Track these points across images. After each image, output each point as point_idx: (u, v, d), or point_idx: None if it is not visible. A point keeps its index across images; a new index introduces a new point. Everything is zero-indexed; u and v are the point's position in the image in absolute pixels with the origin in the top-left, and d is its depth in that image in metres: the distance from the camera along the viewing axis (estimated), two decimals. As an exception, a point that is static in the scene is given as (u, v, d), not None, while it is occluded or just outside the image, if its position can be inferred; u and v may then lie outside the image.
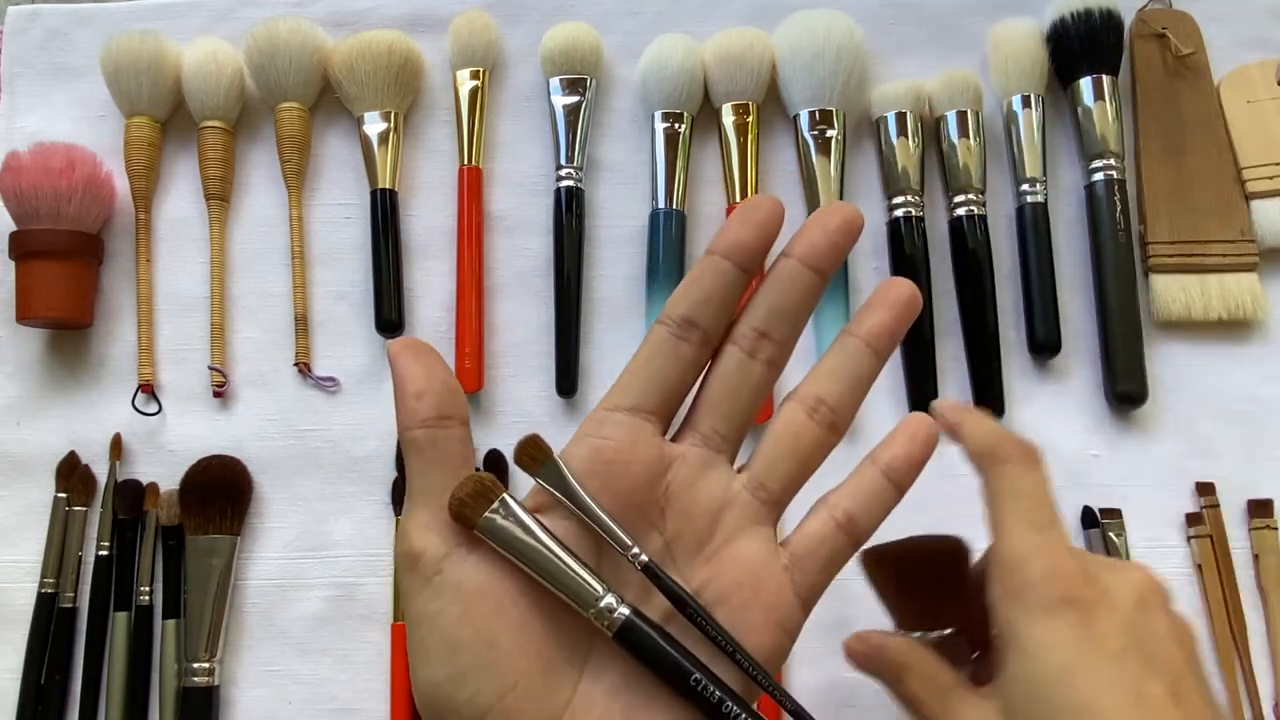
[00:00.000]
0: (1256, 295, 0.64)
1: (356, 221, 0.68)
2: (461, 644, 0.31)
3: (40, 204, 0.64)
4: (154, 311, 0.67)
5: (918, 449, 0.36)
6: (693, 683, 0.32)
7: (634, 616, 0.32)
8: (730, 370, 0.35)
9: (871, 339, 0.36)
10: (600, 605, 0.32)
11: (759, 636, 0.34)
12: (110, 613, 0.62)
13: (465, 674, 0.31)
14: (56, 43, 0.72)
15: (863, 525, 0.35)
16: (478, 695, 0.31)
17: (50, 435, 0.65)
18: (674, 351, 0.34)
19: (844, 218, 0.35)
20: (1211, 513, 0.62)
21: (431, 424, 0.33)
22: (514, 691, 0.31)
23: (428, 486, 0.33)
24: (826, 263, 0.35)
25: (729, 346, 0.35)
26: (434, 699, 0.32)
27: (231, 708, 0.61)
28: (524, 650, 0.32)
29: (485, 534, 0.32)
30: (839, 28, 0.66)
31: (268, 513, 0.64)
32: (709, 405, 0.35)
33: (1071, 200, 0.68)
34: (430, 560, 0.32)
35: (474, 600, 0.32)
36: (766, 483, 0.35)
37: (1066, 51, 0.67)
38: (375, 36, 0.68)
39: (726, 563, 0.34)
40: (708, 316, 0.34)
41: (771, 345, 0.35)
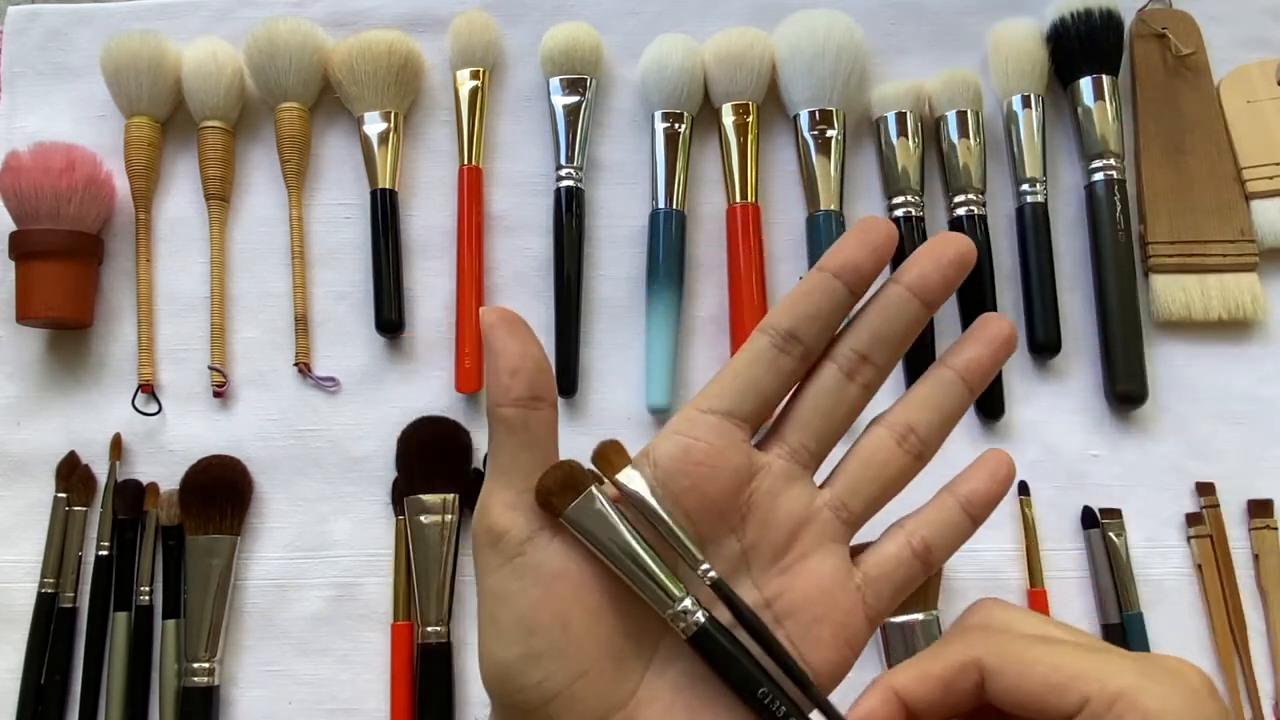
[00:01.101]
0: (1256, 295, 0.64)
1: (356, 221, 0.68)
2: (538, 626, 0.32)
3: (40, 204, 0.64)
4: (154, 311, 0.67)
5: (997, 487, 0.36)
6: (760, 695, 0.32)
7: (709, 624, 0.33)
8: (827, 388, 0.35)
9: (967, 374, 0.36)
10: (678, 607, 0.33)
11: (826, 652, 0.34)
12: (110, 613, 0.62)
13: (539, 656, 0.32)
14: (56, 43, 0.72)
15: (937, 555, 0.35)
16: (548, 679, 0.32)
17: (50, 435, 0.65)
18: (774, 362, 0.34)
19: (959, 251, 0.35)
20: (1211, 513, 0.62)
21: (524, 403, 0.33)
22: (584, 678, 0.32)
23: (515, 466, 0.33)
24: (936, 295, 0.35)
25: (828, 364, 0.35)
26: (504, 678, 0.32)
27: (231, 708, 0.61)
28: (596, 639, 0.32)
29: (571, 524, 0.33)
30: (839, 28, 0.66)
31: (268, 513, 0.64)
32: (801, 420, 0.35)
33: (1071, 200, 0.68)
34: (513, 540, 0.32)
35: (553, 584, 0.32)
36: (849, 503, 0.35)
37: (1066, 51, 0.67)
38: (375, 36, 0.68)
39: (802, 577, 0.34)
40: (812, 333, 0.34)
41: (871, 369, 0.35)
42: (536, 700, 0.32)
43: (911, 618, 0.57)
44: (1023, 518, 0.62)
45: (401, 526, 0.62)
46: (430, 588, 0.60)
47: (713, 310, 0.66)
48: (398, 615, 0.62)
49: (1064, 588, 0.61)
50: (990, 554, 0.62)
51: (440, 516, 0.61)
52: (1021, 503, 0.62)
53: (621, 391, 0.65)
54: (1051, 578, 0.61)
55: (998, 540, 0.62)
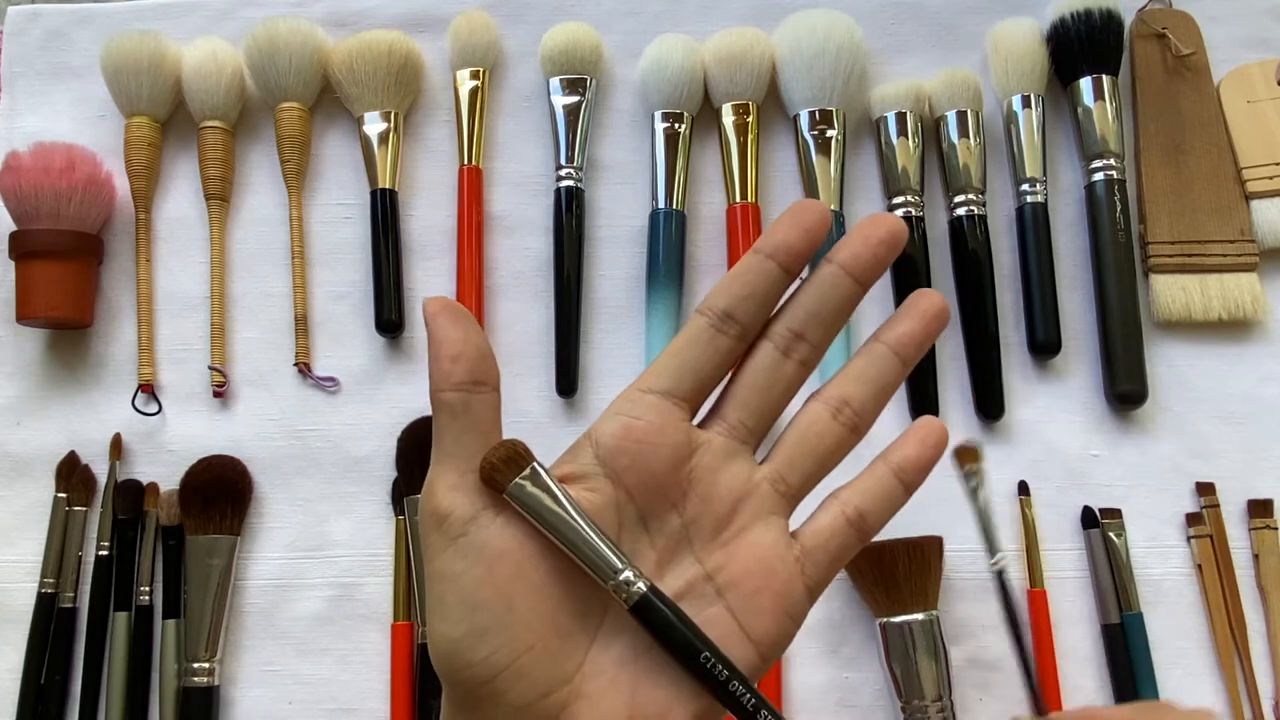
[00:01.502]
0: (1256, 295, 0.64)
1: (356, 221, 0.68)
2: (481, 604, 0.32)
3: (40, 204, 0.64)
4: (154, 311, 0.67)
5: (929, 452, 0.37)
6: (703, 660, 0.33)
7: (651, 593, 0.33)
8: (764, 366, 0.36)
9: (899, 347, 0.37)
10: (619, 578, 0.33)
11: (766, 622, 0.35)
12: (110, 613, 0.62)
13: (483, 634, 0.32)
14: (56, 43, 0.72)
15: (872, 522, 0.36)
16: (493, 655, 0.32)
17: (50, 435, 0.65)
18: (711, 342, 0.35)
19: (889, 230, 0.36)
20: (1211, 513, 0.62)
21: (465, 387, 0.33)
22: (529, 654, 0.33)
23: (458, 449, 0.34)
24: (868, 273, 0.36)
25: (764, 343, 0.36)
26: (449, 655, 0.33)
27: (231, 708, 0.61)
28: (540, 615, 0.33)
29: (514, 500, 0.33)
30: (839, 28, 0.66)
31: (268, 513, 0.64)
32: (739, 398, 0.36)
33: (1071, 200, 0.68)
34: (457, 521, 0.33)
35: (496, 563, 0.33)
36: (786, 477, 0.36)
37: (1066, 51, 0.67)
38: (375, 36, 0.68)
39: (741, 550, 0.35)
40: (748, 312, 0.35)
41: (806, 347, 0.36)
42: (483, 675, 0.32)
43: (911, 618, 0.57)
44: (1023, 518, 0.62)
45: (401, 526, 0.62)
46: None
47: (713, 310, 0.66)
48: (398, 615, 0.62)
49: (1064, 588, 0.61)
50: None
51: (440, 516, 0.61)
52: (1021, 503, 0.62)
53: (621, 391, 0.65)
54: (1051, 578, 0.61)
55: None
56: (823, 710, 0.60)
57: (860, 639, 0.61)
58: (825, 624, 0.61)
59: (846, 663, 0.61)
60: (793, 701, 0.60)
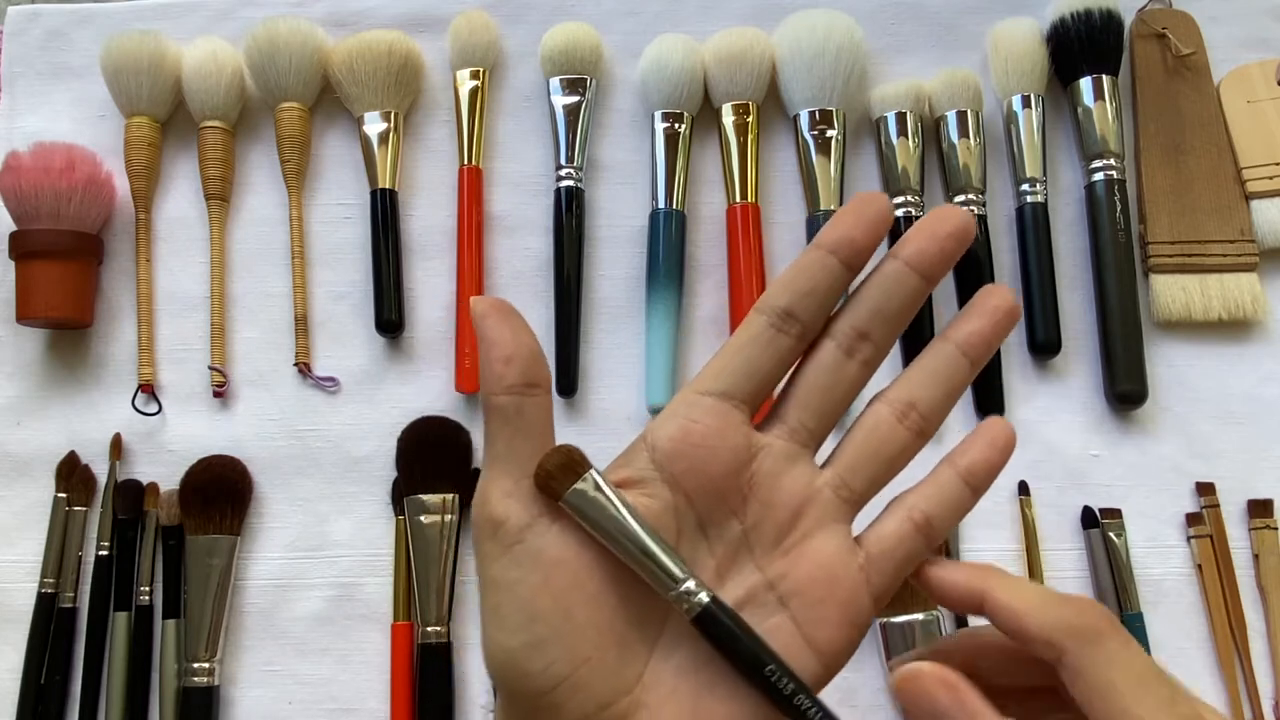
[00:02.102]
0: (1256, 295, 0.64)
1: (356, 221, 0.68)
2: (539, 614, 0.32)
3: (40, 204, 0.64)
4: (154, 311, 0.67)
5: (998, 455, 0.36)
6: (767, 673, 0.32)
7: (713, 603, 0.32)
8: (826, 367, 0.35)
9: (968, 347, 0.35)
10: (681, 588, 0.32)
11: (831, 632, 0.34)
12: (110, 613, 0.62)
13: (541, 644, 0.32)
14: (56, 43, 0.72)
15: (939, 528, 0.35)
16: (552, 666, 0.31)
17: (50, 435, 0.65)
18: (771, 342, 0.34)
19: (956, 223, 0.34)
20: (1211, 513, 0.62)
21: (518, 390, 0.33)
22: (587, 665, 0.32)
23: (511, 454, 0.33)
24: (934, 269, 0.34)
25: (826, 342, 0.35)
26: (507, 665, 0.32)
27: (231, 708, 0.61)
28: (598, 625, 0.32)
29: (571, 508, 0.33)
30: (839, 28, 0.66)
31: (268, 513, 0.64)
32: (800, 400, 0.35)
33: (1071, 200, 0.68)
34: (512, 528, 0.32)
35: (553, 571, 0.32)
36: (850, 482, 0.35)
37: (1066, 51, 0.67)
38: (375, 36, 0.68)
39: (804, 558, 0.34)
40: (809, 310, 0.34)
41: (870, 347, 0.35)
42: (541, 687, 0.32)
43: (911, 618, 0.57)
44: (1023, 518, 0.62)
45: (401, 526, 0.62)
46: (430, 587, 0.60)
47: (713, 310, 0.66)
48: (398, 615, 0.62)
49: (1064, 588, 0.61)
50: (990, 554, 0.62)
51: (440, 516, 0.61)
52: (1021, 503, 0.62)
53: (621, 391, 0.65)
54: (1051, 578, 0.61)
55: (998, 540, 0.62)
56: (823, 710, 0.60)
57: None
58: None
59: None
60: (793, 701, 0.60)
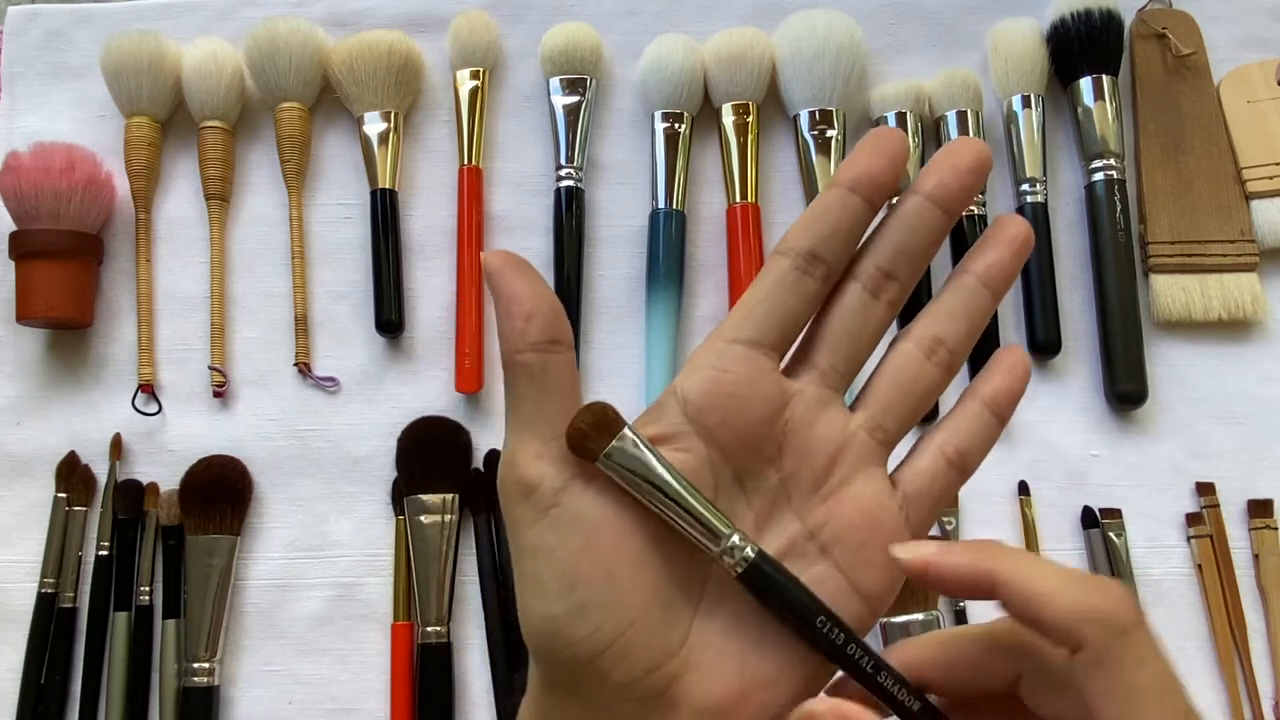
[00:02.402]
0: (1256, 295, 0.64)
1: (356, 221, 0.68)
2: (581, 579, 0.30)
3: (40, 204, 0.64)
4: (154, 311, 0.67)
5: (1017, 382, 0.35)
6: (818, 625, 0.31)
7: (760, 558, 0.31)
8: (853, 309, 0.34)
9: (989, 279, 0.34)
10: (726, 544, 0.31)
11: (877, 575, 0.33)
12: (110, 613, 0.62)
13: (585, 609, 0.30)
14: (56, 43, 0.72)
15: (971, 460, 0.34)
16: (598, 631, 0.30)
17: (50, 435, 0.65)
18: (796, 285, 0.33)
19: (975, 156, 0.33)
20: (1211, 513, 0.62)
21: (542, 347, 0.31)
22: (633, 629, 0.31)
23: (538, 414, 0.31)
24: (956, 203, 0.33)
25: (851, 284, 0.34)
26: (550, 634, 0.31)
27: (231, 708, 0.61)
28: (642, 587, 0.31)
29: (608, 468, 0.31)
30: (839, 28, 0.66)
31: (268, 513, 0.64)
32: (829, 343, 0.34)
33: (1071, 200, 0.68)
34: (547, 491, 0.31)
35: (594, 533, 0.31)
36: (884, 423, 0.34)
37: (1066, 51, 0.67)
38: (375, 36, 0.68)
39: (844, 503, 0.33)
40: (833, 251, 0.33)
41: (895, 286, 0.34)
42: (587, 654, 0.30)
43: (911, 618, 0.57)
44: (1023, 518, 0.62)
45: (401, 526, 0.62)
46: (430, 588, 0.60)
47: (713, 310, 0.66)
48: (398, 615, 0.62)
49: (1064, 588, 0.61)
50: (990, 554, 0.62)
51: (440, 516, 0.61)
52: (1021, 503, 0.62)
53: (621, 391, 0.65)
54: (1051, 578, 0.61)
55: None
56: (823, 710, 0.60)
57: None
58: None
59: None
60: (793, 701, 0.60)
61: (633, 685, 0.31)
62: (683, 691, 0.31)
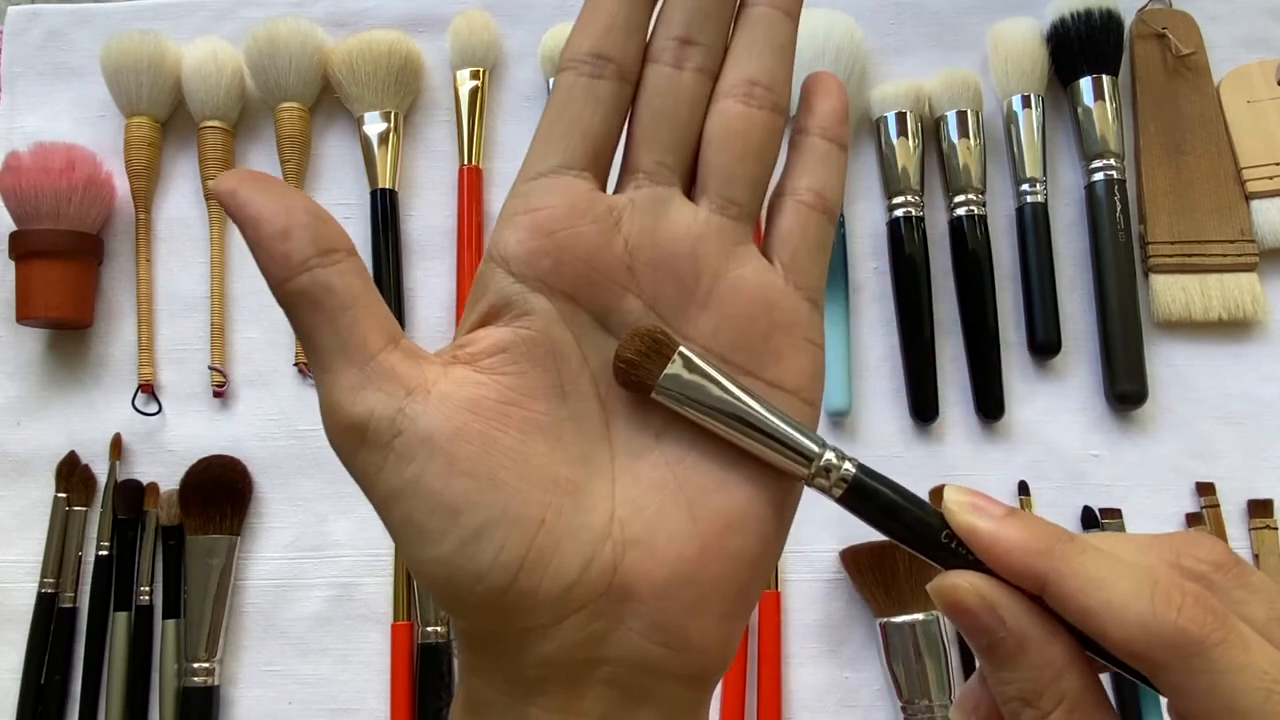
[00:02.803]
0: (1256, 295, 0.64)
1: (356, 221, 0.68)
2: (461, 501, 0.26)
3: (40, 204, 0.64)
4: (154, 311, 0.67)
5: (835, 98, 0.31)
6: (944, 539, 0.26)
7: (860, 471, 0.27)
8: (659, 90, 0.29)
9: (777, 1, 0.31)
10: (821, 463, 0.27)
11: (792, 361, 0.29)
12: (110, 613, 0.62)
13: (479, 533, 0.26)
14: (56, 43, 0.72)
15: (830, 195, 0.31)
16: (503, 551, 0.26)
17: (50, 435, 0.65)
18: (589, 92, 0.29)
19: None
20: (1211, 513, 0.62)
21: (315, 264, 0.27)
22: (543, 528, 0.26)
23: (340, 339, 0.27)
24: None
25: (649, 66, 0.30)
26: (451, 578, 0.26)
27: (231, 708, 0.61)
28: (535, 478, 0.27)
29: (668, 398, 0.28)
30: (839, 28, 0.66)
31: (268, 513, 0.64)
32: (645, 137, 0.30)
33: (1071, 200, 0.68)
34: (382, 423, 0.26)
35: (455, 446, 0.26)
36: (732, 196, 0.30)
37: (1066, 51, 0.66)
38: (375, 36, 0.68)
39: (726, 300, 0.29)
40: (618, 45, 0.29)
41: (699, 50, 0.30)
42: (502, 579, 0.26)
43: (912, 618, 0.57)
44: (1023, 518, 0.62)
45: (401, 526, 0.62)
46: (430, 588, 0.60)
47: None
48: (398, 615, 0.62)
49: (1064, 588, 0.61)
50: (990, 554, 0.62)
51: (440, 516, 0.61)
52: (1021, 502, 0.62)
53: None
54: (1051, 578, 0.61)
55: (998, 540, 0.62)
56: (823, 710, 0.60)
57: (860, 639, 0.61)
58: (825, 624, 0.61)
59: (846, 663, 0.61)
60: (793, 701, 0.60)
61: (569, 593, 0.26)
62: (631, 574, 0.27)
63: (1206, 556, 0.26)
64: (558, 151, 0.29)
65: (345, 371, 0.27)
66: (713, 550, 0.27)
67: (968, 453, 0.63)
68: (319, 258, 0.27)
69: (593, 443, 0.28)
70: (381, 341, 0.27)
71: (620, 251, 0.29)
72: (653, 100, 0.30)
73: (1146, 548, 0.26)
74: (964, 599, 0.25)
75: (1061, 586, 0.25)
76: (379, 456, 0.27)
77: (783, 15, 0.30)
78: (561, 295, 0.28)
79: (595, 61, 0.29)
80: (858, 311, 0.66)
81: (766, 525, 0.28)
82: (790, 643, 0.61)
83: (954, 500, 0.27)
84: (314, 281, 0.27)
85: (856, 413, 0.64)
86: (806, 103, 0.31)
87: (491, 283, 0.29)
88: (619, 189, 0.30)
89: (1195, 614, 0.24)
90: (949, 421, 0.64)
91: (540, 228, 0.28)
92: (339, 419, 0.27)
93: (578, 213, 0.28)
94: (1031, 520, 0.26)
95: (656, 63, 0.30)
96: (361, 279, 0.27)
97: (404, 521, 0.27)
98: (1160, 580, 0.24)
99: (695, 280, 0.29)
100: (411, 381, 0.27)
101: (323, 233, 0.27)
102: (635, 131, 0.30)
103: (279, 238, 0.26)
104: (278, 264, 0.27)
